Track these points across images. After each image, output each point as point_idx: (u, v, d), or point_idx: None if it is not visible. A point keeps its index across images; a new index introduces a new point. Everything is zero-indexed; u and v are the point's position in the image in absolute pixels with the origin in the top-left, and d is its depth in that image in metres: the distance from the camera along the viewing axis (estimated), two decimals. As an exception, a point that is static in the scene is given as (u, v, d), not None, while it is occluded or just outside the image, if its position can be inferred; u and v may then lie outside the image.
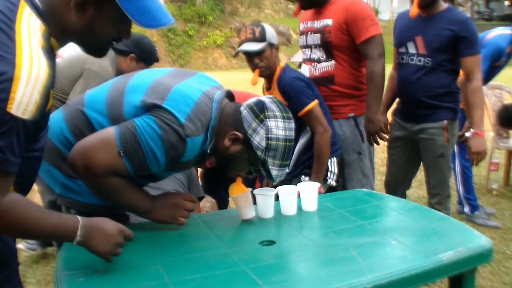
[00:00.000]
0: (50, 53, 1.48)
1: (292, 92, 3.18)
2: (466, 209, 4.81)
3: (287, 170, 2.20)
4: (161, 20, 1.57)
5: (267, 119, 2.06)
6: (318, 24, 3.52)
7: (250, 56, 3.24)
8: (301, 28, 3.73)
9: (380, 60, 3.35)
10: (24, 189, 1.65)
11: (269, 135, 2.05)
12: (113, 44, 1.73)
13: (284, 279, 1.64)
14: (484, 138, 3.44)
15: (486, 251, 1.86)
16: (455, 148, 4.77)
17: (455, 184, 5.11)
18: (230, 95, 2.23)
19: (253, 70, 3.25)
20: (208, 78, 2.22)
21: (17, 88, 1.32)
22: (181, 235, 2.08)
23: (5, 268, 1.71)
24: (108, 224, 1.66)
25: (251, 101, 2.12)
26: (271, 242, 1.97)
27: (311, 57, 3.59)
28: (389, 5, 42.69)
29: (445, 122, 3.45)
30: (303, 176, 3.27)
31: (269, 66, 3.27)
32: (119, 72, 3.70)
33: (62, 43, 1.56)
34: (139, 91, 2.01)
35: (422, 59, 3.44)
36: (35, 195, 2.17)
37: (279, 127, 2.07)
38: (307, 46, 3.62)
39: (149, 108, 1.96)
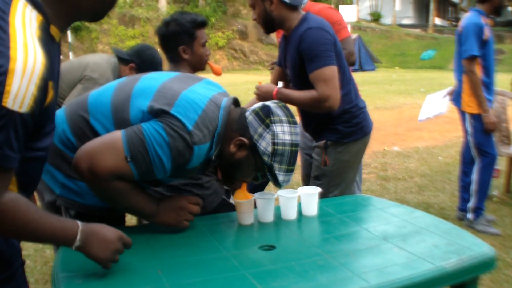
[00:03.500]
0: (50, 42, 1.47)
1: None
2: (470, 216, 4.79)
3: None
4: None
5: (273, 124, 2.04)
6: None
7: None
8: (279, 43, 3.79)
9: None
10: (27, 189, 1.63)
11: (276, 140, 2.03)
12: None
13: (284, 284, 1.62)
14: None
15: (489, 259, 1.85)
16: (476, 156, 4.77)
17: (459, 190, 5.10)
18: (236, 102, 2.21)
19: None
20: (214, 84, 2.21)
21: (12, 81, 1.29)
22: (181, 238, 2.06)
23: (8, 266, 1.69)
24: (107, 230, 1.64)
25: (256, 106, 2.11)
26: (271, 247, 1.95)
27: None
28: (391, 9, 42.72)
29: (323, 142, 3.14)
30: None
31: None
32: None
33: (64, 27, 1.54)
34: (146, 96, 2.00)
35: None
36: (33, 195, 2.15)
37: (285, 132, 2.05)
38: None
39: (157, 114, 1.94)
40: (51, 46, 1.47)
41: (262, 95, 3.10)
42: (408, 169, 7.10)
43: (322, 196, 3.00)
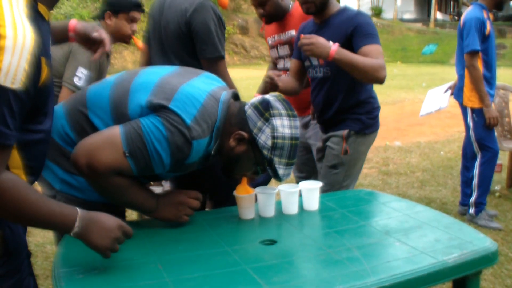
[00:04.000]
0: (39, 20, 1.48)
1: None
2: (472, 210, 4.78)
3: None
4: None
5: (273, 118, 2.03)
6: (283, 36, 3.71)
7: None
8: (270, 42, 3.90)
9: None
10: (34, 173, 1.64)
11: (275, 134, 2.02)
12: None
13: (286, 279, 1.61)
14: None
15: (491, 253, 1.83)
16: (478, 151, 4.76)
17: (461, 185, 5.10)
18: (235, 96, 2.20)
19: None
20: (213, 78, 2.20)
21: (3, 57, 1.30)
22: (181, 232, 2.05)
23: (14, 258, 1.69)
24: (107, 218, 1.63)
25: (255, 99, 2.09)
26: (272, 242, 1.94)
27: (285, 66, 3.77)
28: (393, 4, 42.65)
29: (346, 132, 3.17)
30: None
31: None
32: (110, 35, 3.68)
33: (52, 4, 1.57)
34: (144, 90, 1.99)
35: (322, 69, 3.20)
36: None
37: (285, 125, 2.04)
38: (280, 57, 3.82)
39: (155, 109, 1.93)
40: (41, 24, 1.48)
41: (316, 48, 2.86)
42: (410, 164, 7.10)
43: (336, 187, 3.12)
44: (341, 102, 3.18)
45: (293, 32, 3.64)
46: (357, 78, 2.98)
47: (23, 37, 1.34)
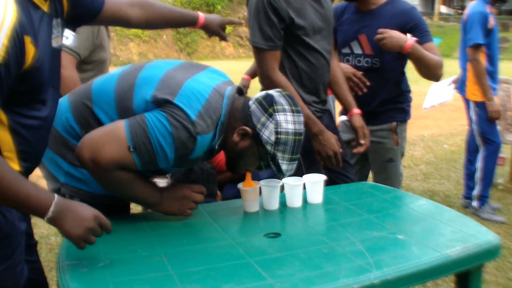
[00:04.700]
0: (31, 7, 1.50)
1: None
2: (475, 204, 4.79)
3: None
4: None
5: (276, 113, 2.03)
6: None
7: None
8: None
9: None
10: (29, 160, 1.64)
11: (279, 129, 2.02)
12: None
13: (290, 272, 1.62)
14: None
15: (494, 247, 1.84)
16: (481, 144, 4.76)
17: (464, 178, 5.10)
18: (240, 91, 2.20)
19: None
20: (218, 72, 2.19)
21: None
22: (186, 225, 2.06)
23: (7, 245, 1.69)
24: (84, 208, 1.61)
25: (259, 95, 2.10)
26: (276, 234, 1.95)
27: None
28: (396, -3, 42.44)
29: (394, 124, 3.28)
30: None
31: None
32: None
33: None
34: (150, 85, 1.99)
35: (369, 60, 3.19)
36: (42, 182, 2.16)
37: (288, 121, 2.04)
38: None
39: (160, 104, 1.93)
40: (33, 11, 1.50)
41: (389, 42, 2.88)
42: (414, 157, 7.09)
43: (396, 177, 3.32)
44: (387, 93, 3.23)
45: None
46: (421, 73, 3.07)
47: (4, 14, 1.37)
